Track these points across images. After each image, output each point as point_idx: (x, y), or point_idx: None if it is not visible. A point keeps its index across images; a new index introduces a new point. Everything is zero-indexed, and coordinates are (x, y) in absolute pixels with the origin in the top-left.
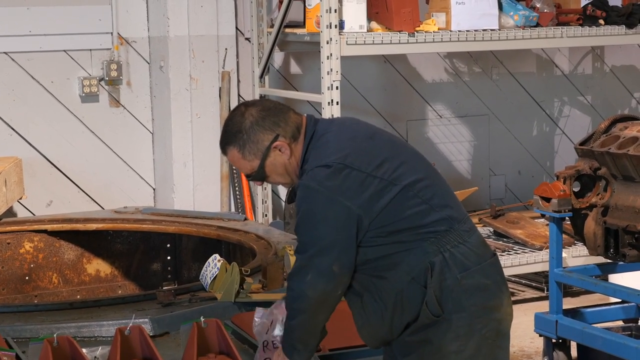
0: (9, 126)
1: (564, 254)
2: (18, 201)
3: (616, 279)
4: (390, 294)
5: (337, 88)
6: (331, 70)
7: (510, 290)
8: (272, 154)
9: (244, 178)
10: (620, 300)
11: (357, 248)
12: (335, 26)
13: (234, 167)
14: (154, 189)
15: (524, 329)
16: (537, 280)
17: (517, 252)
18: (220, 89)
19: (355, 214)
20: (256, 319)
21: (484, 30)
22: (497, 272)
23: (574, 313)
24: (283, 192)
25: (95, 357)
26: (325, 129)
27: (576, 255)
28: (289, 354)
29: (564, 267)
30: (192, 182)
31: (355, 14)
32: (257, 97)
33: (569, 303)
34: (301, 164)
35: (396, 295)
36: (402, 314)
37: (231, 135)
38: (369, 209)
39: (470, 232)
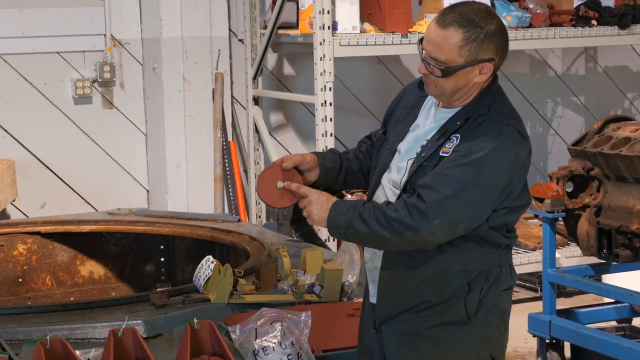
0: (2, 128)
1: (557, 255)
2: (11, 203)
3: (609, 279)
4: (435, 266)
5: (330, 89)
6: (324, 71)
7: None
8: (474, 68)
9: (237, 179)
10: (613, 300)
11: None
12: (329, 27)
13: (227, 169)
14: (147, 191)
15: (517, 329)
16: (531, 280)
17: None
18: (213, 90)
19: (507, 194)
20: (236, 335)
21: None
22: (511, 303)
23: (567, 313)
24: None
25: (88, 359)
26: (506, 95)
27: (570, 256)
28: (336, 220)
29: (558, 268)
30: (186, 183)
31: (348, 15)
32: (250, 99)
33: (562, 303)
34: (480, 103)
35: (439, 272)
36: (424, 286)
37: (470, 21)
38: (510, 197)
39: None
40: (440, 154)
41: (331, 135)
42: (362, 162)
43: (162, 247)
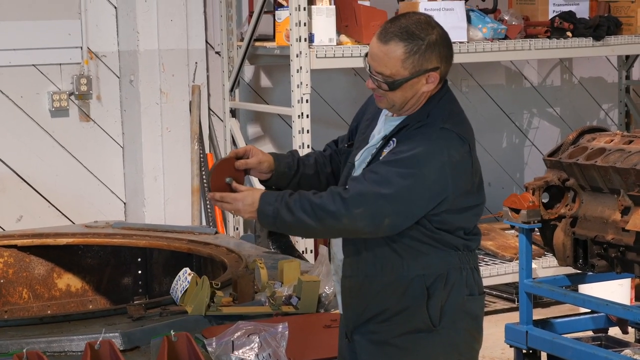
0: None
1: (534, 265)
2: None
3: (585, 289)
4: (393, 272)
5: (307, 101)
6: (301, 83)
7: None
8: (420, 78)
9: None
10: (589, 310)
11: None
12: (305, 39)
13: (205, 181)
14: (124, 203)
15: (494, 340)
16: (508, 291)
17: (488, 263)
18: (190, 102)
19: (445, 195)
20: (212, 348)
21: (452, 42)
22: (484, 308)
23: (544, 323)
24: None
25: None
26: (455, 99)
27: (546, 266)
28: (265, 211)
29: (534, 278)
30: (163, 196)
31: (325, 27)
32: (227, 111)
33: (539, 314)
34: (422, 110)
35: (397, 278)
36: (385, 293)
37: (410, 34)
38: (455, 201)
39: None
40: (380, 159)
41: (308, 147)
42: (321, 167)
43: (139, 259)
